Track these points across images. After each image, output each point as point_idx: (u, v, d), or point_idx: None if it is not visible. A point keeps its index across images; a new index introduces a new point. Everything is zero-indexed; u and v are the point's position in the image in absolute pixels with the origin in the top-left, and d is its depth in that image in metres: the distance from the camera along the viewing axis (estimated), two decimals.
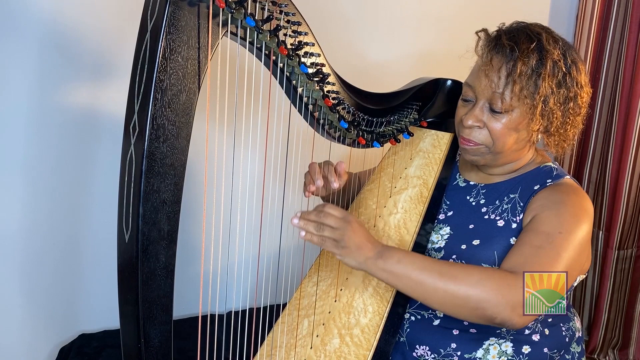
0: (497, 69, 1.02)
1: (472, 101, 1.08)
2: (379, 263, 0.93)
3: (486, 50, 1.05)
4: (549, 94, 1.01)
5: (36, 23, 1.42)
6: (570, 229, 1.00)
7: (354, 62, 1.73)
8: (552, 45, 1.02)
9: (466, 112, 1.08)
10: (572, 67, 1.03)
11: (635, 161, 1.97)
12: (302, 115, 1.04)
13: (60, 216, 1.57)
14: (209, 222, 0.94)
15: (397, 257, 0.94)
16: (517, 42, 1.02)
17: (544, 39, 1.02)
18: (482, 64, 1.05)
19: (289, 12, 0.90)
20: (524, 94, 1.01)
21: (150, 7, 0.77)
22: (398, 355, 1.12)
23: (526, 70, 1.00)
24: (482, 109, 1.06)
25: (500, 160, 1.11)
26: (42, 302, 1.61)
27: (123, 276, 0.83)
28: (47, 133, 1.50)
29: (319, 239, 0.94)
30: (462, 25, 1.34)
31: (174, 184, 0.80)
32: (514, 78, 1.01)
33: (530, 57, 1.01)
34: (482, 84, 1.05)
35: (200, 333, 0.89)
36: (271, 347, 1.09)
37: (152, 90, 0.75)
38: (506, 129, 1.05)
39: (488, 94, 1.04)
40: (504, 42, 1.03)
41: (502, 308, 0.91)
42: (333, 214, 0.94)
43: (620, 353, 2.15)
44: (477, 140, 1.08)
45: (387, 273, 0.94)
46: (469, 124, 1.07)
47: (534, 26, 1.06)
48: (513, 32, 1.05)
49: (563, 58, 1.02)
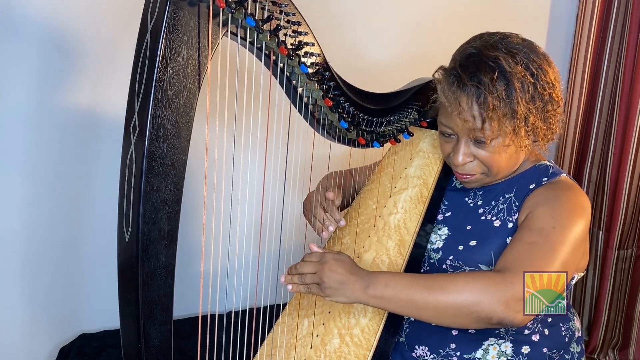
0: (469, 108, 0.99)
1: (453, 136, 1.06)
2: (369, 291, 0.94)
3: (449, 92, 1.01)
4: (527, 113, 0.98)
5: (36, 23, 1.42)
6: (565, 224, 0.99)
7: (354, 62, 1.73)
8: (513, 64, 0.97)
9: (452, 150, 1.07)
10: (538, 74, 0.99)
11: (635, 161, 1.97)
12: (302, 115, 1.04)
13: (60, 216, 1.57)
14: (209, 222, 0.94)
15: (384, 281, 0.94)
16: (479, 76, 0.98)
17: (503, 62, 0.97)
18: (451, 107, 1.01)
19: (289, 12, 0.90)
20: (503, 123, 0.98)
21: (150, 7, 0.77)
22: (397, 356, 1.12)
23: (498, 103, 0.97)
24: (467, 144, 1.04)
25: (501, 176, 1.10)
26: (42, 302, 1.61)
27: (123, 276, 0.83)
28: (47, 133, 1.50)
29: (304, 287, 0.97)
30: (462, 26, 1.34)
31: (174, 183, 0.81)
32: (489, 114, 0.97)
33: (498, 88, 0.97)
34: (459, 125, 1.02)
35: (200, 333, 0.89)
36: (271, 347, 1.09)
37: (152, 90, 0.75)
38: (496, 154, 1.03)
39: (467, 131, 1.02)
40: (465, 82, 0.98)
41: (495, 307, 0.91)
42: (309, 260, 0.97)
43: (620, 353, 2.15)
44: (472, 172, 1.08)
45: (378, 299, 0.94)
46: (459, 161, 1.05)
47: (489, 49, 0.99)
48: (470, 66, 0.99)
49: (527, 71, 0.98)
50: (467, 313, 0.92)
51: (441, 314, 0.93)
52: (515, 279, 0.93)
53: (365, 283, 0.94)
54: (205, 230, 0.89)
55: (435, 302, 0.92)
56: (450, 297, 0.92)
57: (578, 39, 2.08)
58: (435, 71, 1.06)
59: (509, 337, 1.07)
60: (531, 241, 0.98)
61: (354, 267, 0.96)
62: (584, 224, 1.02)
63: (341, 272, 0.94)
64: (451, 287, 0.92)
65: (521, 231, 1.02)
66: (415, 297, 0.93)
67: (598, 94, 2.04)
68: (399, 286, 0.94)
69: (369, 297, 0.94)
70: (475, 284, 0.92)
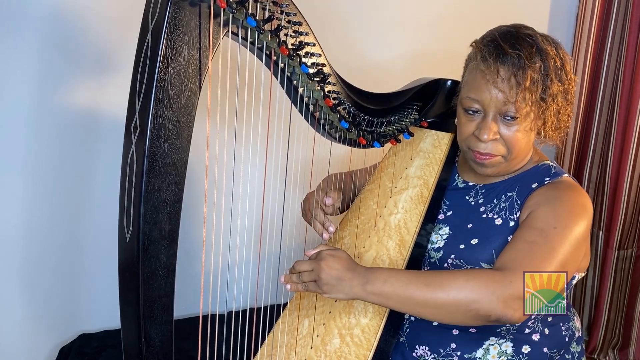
0: (507, 78, 1.00)
1: (479, 113, 1.06)
2: (367, 287, 0.94)
3: (488, 62, 1.02)
4: (557, 92, 1.02)
5: (37, 23, 1.42)
6: (566, 224, 0.99)
7: (354, 62, 1.73)
8: (547, 44, 1.03)
9: (477, 127, 1.06)
10: (564, 60, 1.04)
11: (635, 161, 1.97)
12: (303, 115, 1.04)
13: (60, 216, 1.57)
14: (210, 222, 0.94)
15: (383, 277, 0.94)
16: (520, 48, 1.00)
17: (539, 39, 1.02)
18: (488, 76, 1.02)
19: (290, 12, 0.90)
20: (537, 98, 1.00)
21: (151, 7, 0.77)
22: (398, 356, 1.12)
23: (536, 76, 1.00)
24: (496, 120, 1.04)
25: (514, 163, 1.10)
26: (42, 302, 1.61)
27: (124, 276, 0.83)
28: (47, 133, 1.50)
29: (302, 286, 0.97)
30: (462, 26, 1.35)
31: (175, 183, 0.81)
32: (527, 86, 0.99)
33: (536, 62, 1.00)
34: (492, 96, 1.02)
35: (201, 333, 0.89)
36: (271, 347, 1.09)
37: (153, 90, 0.75)
38: (521, 134, 1.04)
39: (499, 105, 1.02)
40: (507, 51, 1.00)
41: (495, 304, 0.91)
42: (307, 259, 0.97)
43: (620, 353, 2.15)
44: (495, 152, 1.06)
45: (377, 295, 0.94)
46: (485, 138, 1.04)
47: (523, 28, 1.05)
48: (511, 38, 1.03)
49: (557, 54, 1.03)
50: (466, 310, 0.92)
51: (440, 311, 0.94)
52: (515, 277, 0.93)
53: (364, 279, 0.94)
54: (205, 230, 0.89)
55: (434, 299, 0.92)
56: (449, 294, 0.92)
57: (578, 39, 2.08)
58: (473, 43, 1.08)
59: (509, 337, 1.07)
60: (531, 240, 0.98)
61: (351, 263, 0.96)
62: (585, 224, 1.02)
63: (338, 268, 0.94)
64: (451, 285, 0.92)
65: (522, 230, 1.02)
66: (414, 294, 0.93)
67: (598, 94, 2.04)
68: (398, 283, 0.94)
69: (367, 293, 0.94)
70: (474, 281, 0.93)
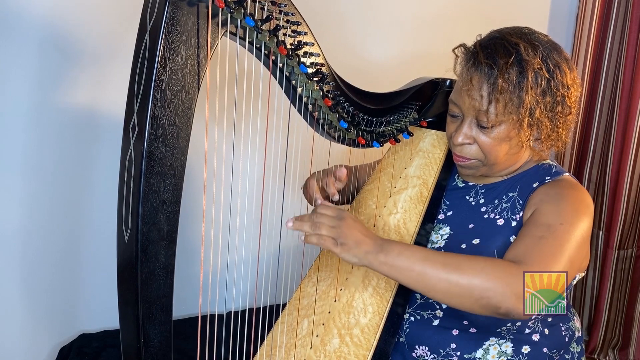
0: (479, 87, 1.01)
1: (459, 117, 1.08)
2: (380, 257, 0.92)
3: (464, 69, 1.04)
4: (534, 105, 0.99)
5: (36, 23, 1.42)
6: (572, 221, 0.99)
7: (353, 62, 1.73)
8: (532, 55, 0.99)
9: (455, 129, 1.08)
10: (555, 72, 1.00)
11: (635, 161, 1.97)
12: (302, 115, 1.04)
13: (60, 216, 1.57)
14: (209, 222, 0.94)
15: (398, 249, 0.93)
16: (495, 57, 1.00)
17: (522, 49, 0.99)
18: (462, 84, 1.03)
19: (289, 12, 0.90)
20: (508, 110, 1.00)
21: (149, 7, 0.77)
22: (398, 356, 1.12)
23: (507, 87, 0.98)
24: (470, 125, 1.06)
25: (496, 169, 1.11)
26: (42, 302, 1.61)
27: (123, 276, 0.83)
28: (46, 133, 1.50)
29: (317, 238, 0.92)
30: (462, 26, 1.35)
31: (173, 184, 0.80)
32: (496, 96, 0.99)
33: (510, 72, 0.98)
34: (466, 103, 1.04)
35: (200, 333, 0.89)
36: (271, 347, 1.09)
37: (151, 90, 0.75)
38: (496, 142, 1.04)
39: (473, 111, 1.04)
40: (481, 60, 1.01)
41: (507, 297, 0.89)
42: (327, 213, 0.94)
43: (620, 353, 2.15)
44: (469, 155, 1.08)
45: (389, 267, 0.92)
46: (458, 141, 1.07)
47: (512, 35, 1.02)
48: (490, 46, 1.02)
49: (544, 65, 0.99)
50: (478, 297, 0.89)
51: (451, 292, 0.91)
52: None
53: (379, 248, 0.92)
54: (204, 230, 0.89)
55: (448, 279, 0.90)
56: (465, 277, 0.90)
57: (578, 39, 2.08)
58: (456, 47, 1.08)
59: (509, 337, 1.07)
60: (540, 235, 0.98)
61: (369, 231, 0.95)
62: (589, 222, 1.02)
63: (358, 231, 0.93)
64: (468, 269, 0.90)
65: (528, 226, 1.01)
66: (428, 272, 0.91)
67: (598, 94, 2.04)
68: (413, 257, 0.92)
69: (380, 262, 0.92)
70: (493, 270, 0.91)
